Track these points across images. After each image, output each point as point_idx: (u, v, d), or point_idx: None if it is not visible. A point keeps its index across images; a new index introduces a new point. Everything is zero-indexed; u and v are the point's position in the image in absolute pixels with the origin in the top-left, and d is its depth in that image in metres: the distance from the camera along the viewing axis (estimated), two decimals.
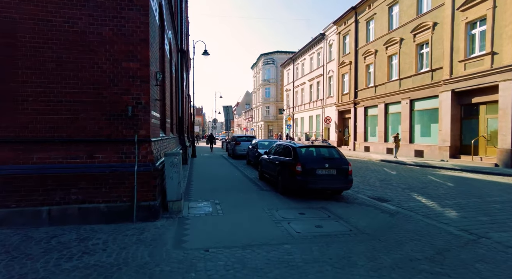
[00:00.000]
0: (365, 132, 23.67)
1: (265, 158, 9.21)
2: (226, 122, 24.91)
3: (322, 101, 30.84)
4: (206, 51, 18.14)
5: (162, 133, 7.50)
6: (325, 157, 6.98)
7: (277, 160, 7.82)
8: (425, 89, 16.95)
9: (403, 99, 18.79)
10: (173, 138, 10.49)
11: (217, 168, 13.10)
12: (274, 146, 9.08)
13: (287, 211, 5.84)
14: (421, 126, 17.72)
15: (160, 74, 6.08)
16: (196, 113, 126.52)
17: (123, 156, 5.02)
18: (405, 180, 10.01)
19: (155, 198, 5.07)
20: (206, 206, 6.15)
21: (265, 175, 9.24)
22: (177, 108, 13.81)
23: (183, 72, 14.54)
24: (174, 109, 11.82)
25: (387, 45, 20.29)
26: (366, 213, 5.82)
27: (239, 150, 17.39)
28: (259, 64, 58.25)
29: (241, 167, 13.50)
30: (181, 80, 14.40)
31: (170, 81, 10.60)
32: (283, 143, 8.22)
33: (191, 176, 10.50)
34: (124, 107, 5.02)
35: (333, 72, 28.56)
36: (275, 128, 54.65)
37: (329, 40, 29.52)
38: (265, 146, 13.65)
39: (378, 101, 21.53)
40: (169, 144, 8.70)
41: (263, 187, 8.37)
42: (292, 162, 6.81)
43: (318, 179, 6.57)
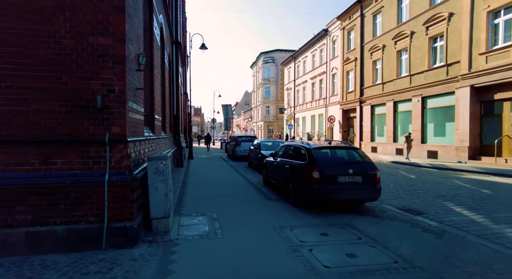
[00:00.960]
0: (372, 132, 22.47)
1: (271, 161, 7.98)
2: (225, 121, 23.67)
3: (325, 100, 29.64)
4: (204, 45, 16.91)
5: (148, 131, 6.25)
6: (348, 161, 5.74)
7: (286, 164, 6.58)
8: (439, 85, 15.76)
9: (414, 96, 17.60)
10: (165, 138, 9.25)
11: (216, 171, 11.85)
12: (281, 147, 7.85)
13: (304, 230, 4.60)
14: (435, 125, 16.53)
15: (143, 57, 4.83)
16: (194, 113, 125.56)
17: (90, 162, 3.78)
18: (429, 185, 8.80)
19: (132, 217, 3.82)
20: (202, 223, 4.91)
21: (270, 180, 8.01)
22: (172, 105, 12.57)
23: (178, 66, 13.31)
24: (168, 106, 10.57)
25: (396, 40, 19.10)
26: (404, 232, 4.60)
27: (239, 151, 16.15)
28: (258, 63, 57.04)
29: (242, 170, 12.26)
30: (176, 74, 13.16)
31: (161, 73, 9.37)
32: (294, 143, 6.98)
33: (186, 180, 9.25)
34: (91, 96, 3.78)
35: (337, 69, 27.36)
36: (275, 128, 53.43)
37: (333, 36, 28.33)
38: (268, 147, 12.42)
39: (386, 99, 20.34)
40: (160, 145, 7.45)
41: (269, 195, 7.12)
42: (307, 167, 5.57)
43: (340, 188, 5.34)
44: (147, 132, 5.97)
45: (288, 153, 6.98)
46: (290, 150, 6.95)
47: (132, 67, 4.32)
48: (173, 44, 13.00)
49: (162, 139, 8.18)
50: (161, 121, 8.42)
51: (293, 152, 6.64)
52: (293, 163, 6.25)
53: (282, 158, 7.12)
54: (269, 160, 8.21)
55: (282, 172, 6.81)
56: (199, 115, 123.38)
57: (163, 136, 8.75)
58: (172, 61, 12.82)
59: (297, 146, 6.48)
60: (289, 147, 7.10)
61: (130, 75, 4.18)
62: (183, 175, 10.38)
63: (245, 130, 70.05)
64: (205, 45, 16.87)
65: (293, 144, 6.87)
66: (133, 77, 4.36)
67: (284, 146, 7.54)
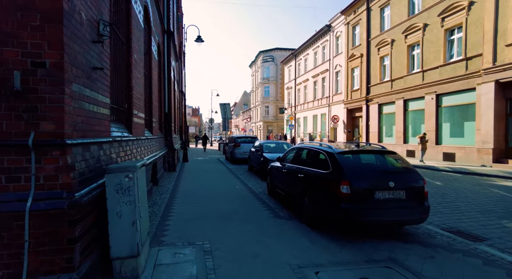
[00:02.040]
0: (380, 132, 21.12)
1: (278, 167, 6.57)
2: (223, 121, 22.25)
3: (328, 99, 28.29)
4: (200, 38, 15.49)
5: (123, 130, 4.82)
6: (385, 170, 4.32)
7: (300, 173, 5.17)
8: (456, 81, 14.42)
9: (428, 94, 16.26)
10: (152, 139, 7.82)
11: (212, 176, 10.41)
12: (291, 150, 6.44)
13: (336, 274, 3.19)
14: (451, 125, 15.19)
15: (106, 26, 3.41)
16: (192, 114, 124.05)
17: (2, 179, 2.35)
18: (464, 195, 7.42)
19: (71, 265, 2.39)
20: (188, 260, 3.47)
21: (277, 190, 6.60)
22: (162, 102, 11.13)
23: (170, 58, 11.88)
24: (156, 102, 9.14)
25: (407, 33, 17.77)
26: (476, 275, 3.20)
27: (238, 153, 14.72)
28: (257, 62, 55.70)
29: (242, 174, 10.84)
30: (168, 67, 11.73)
31: (147, 62, 7.94)
32: (309, 146, 5.54)
33: (176, 190, 7.81)
34: (3, 72, 2.35)
35: (341, 67, 26.02)
36: (274, 129, 52.06)
37: (336, 31, 27.00)
38: (271, 149, 11.01)
39: (396, 97, 19.00)
40: (141, 148, 6.02)
41: (277, 211, 5.70)
42: (332, 179, 4.17)
43: (378, 207, 3.94)
44: (120, 132, 4.53)
45: (301, 158, 5.57)
46: (304, 154, 5.54)
47: (82, 33, 2.89)
48: (164, 33, 11.57)
49: (146, 140, 6.75)
50: (144, 119, 6.99)
51: (309, 157, 5.22)
52: (311, 171, 4.83)
53: (293, 164, 5.71)
54: (275, 165, 6.80)
55: (294, 182, 5.40)
56: (197, 116, 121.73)
57: (149, 136, 7.32)
58: (163, 52, 11.39)
59: (315, 149, 5.06)
60: (303, 150, 5.68)
61: (77, 45, 2.76)
62: (173, 182, 8.94)
63: (243, 130, 68.62)
64: (201, 37, 15.46)
65: (308, 147, 5.44)
66: (83, 48, 2.94)
67: (295, 149, 6.12)
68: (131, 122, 5.29)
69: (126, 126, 5.21)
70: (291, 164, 5.80)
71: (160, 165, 8.92)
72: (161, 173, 9.32)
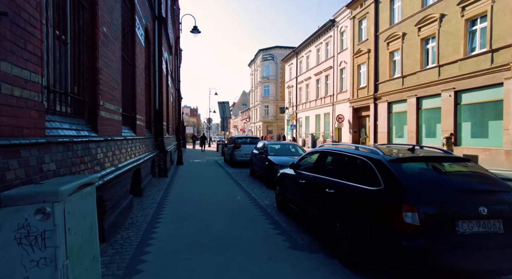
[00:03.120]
0: (389, 132, 19.76)
1: (291, 176, 5.17)
2: (222, 121, 20.85)
3: (332, 97, 26.93)
4: (196, 28, 14.08)
5: (79, 127, 3.39)
6: (469, 188, 2.88)
7: (328, 186, 3.75)
8: (479, 76, 13.08)
9: (445, 90, 14.92)
10: (134, 140, 6.39)
11: (209, 183, 8.99)
12: (309, 154, 5.03)
13: None
14: (472, 125, 13.84)
15: None
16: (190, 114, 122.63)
17: None
18: None
19: None
20: None
21: (290, 204, 5.19)
22: (152, 97, 9.71)
23: (162, 48, 10.46)
24: (141, 95, 7.72)
25: (421, 25, 16.43)
26: None
27: (239, 155, 13.30)
28: (257, 60, 54.35)
29: (243, 181, 9.42)
30: (159, 58, 10.30)
31: (130, 47, 6.53)
32: (338, 148, 4.12)
33: (163, 203, 6.39)
34: None
35: (346, 63, 24.68)
36: (274, 129, 50.70)
37: (341, 27, 25.65)
38: (277, 151, 9.60)
39: (408, 95, 17.65)
40: (113, 152, 4.60)
41: (294, 236, 4.29)
42: (386, 200, 2.77)
43: (462, 245, 2.53)
44: (70, 129, 3.10)
45: (327, 166, 4.16)
46: (332, 160, 4.13)
47: None
48: (155, 19, 10.15)
49: (124, 141, 5.32)
50: (123, 115, 5.56)
51: (341, 165, 3.81)
52: (346, 186, 3.41)
53: (315, 173, 4.30)
54: (288, 174, 5.40)
55: (318, 198, 3.99)
56: (195, 116, 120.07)
57: (129, 136, 5.90)
58: (153, 41, 9.97)
59: (351, 154, 3.62)
60: (329, 155, 4.26)
61: None
62: (162, 191, 7.51)
63: (242, 131, 67.24)
64: (197, 28, 14.05)
65: (339, 151, 4.01)
66: None
67: (316, 154, 4.69)
68: (96, 116, 3.86)
69: (88, 122, 3.78)
70: (312, 174, 4.39)
71: (146, 171, 7.49)
72: (148, 179, 7.89)
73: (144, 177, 7.16)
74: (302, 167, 4.99)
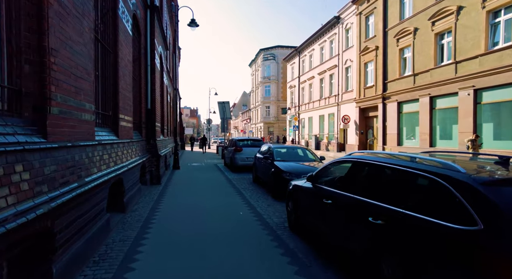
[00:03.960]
0: (399, 134, 18.65)
1: (310, 191, 4.07)
2: (222, 121, 19.73)
3: (337, 97, 25.83)
4: (194, 21, 13.00)
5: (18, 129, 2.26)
6: None
7: (374, 215, 2.60)
8: (503, 72, 11.96)
9: (463, 89, 13.81)
10: (116, 144, 5.29)
11: (207, 193, 7.88)
12: (334, 164, 3.90)
13: None
14: (495, 125, 12.73)
15: None
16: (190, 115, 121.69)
17: None
18: None
19: None
20: None
21: (308, 226, 4.07)
22: (143, 94, 8.61)
23: (154, 40, 9.36)
24: (127, 91, 6.62)
25: (435, 19, 15.33)
26: None
27: (240, 159, 12.19)
28: (258, 60, 53.32)
29: (246, 189, 8.31)
30: (152, 51, 9.21)
31: (109, 32, 5.43)
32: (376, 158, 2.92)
33: (150, 220, 5.27)
34: None
35: (352, 62, 23.59)
36: (276, 130, 49.63)
37: (346, 23, 24.57)
38: (285, 155, 8.48)
39: (420, 94, 16.54)
40: (82, 161, 3.49)
41: (319, 275, 3.17)
42: (489, 252, 1.66)
43: None
44: None
45: (366, 184, 3.03)
46: (374, 175, 2.99)
47: None
48: (146, 8, 9.05)
49: (98, 147, 4.21)
50: (96, 113, 4.47)
51: (394, 183, 2.66)
52: (407, 218, 2.28)
53: (349, 192, 3.15)
54: (303, 187, 4.29)
55: (355, 229, 2.88)
56: (195, 117, 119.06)
57: (108, 140, 4.79)
58: (144, 31, 8.87)
59: (410, 169, 2.44)
60: (368, 166, 3.11)
61: None
62: (151, 205, 6.39)
63: (243, 132, 66.16)
64: (195, 21, 12.97)
65: (384, 162, 2.84)
66: None
67: (347, 164, 3.54)
68: (44, 115, 2.75)
69: (33, 123, 2.67)
70: (342, 192, 3.26)
71: (133, 180, 6.38)
72: (136, 189, 6.78)
73: (129, 188, 6.05)
74: (324, 181, 3.88)
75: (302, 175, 6.79)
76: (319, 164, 7.83)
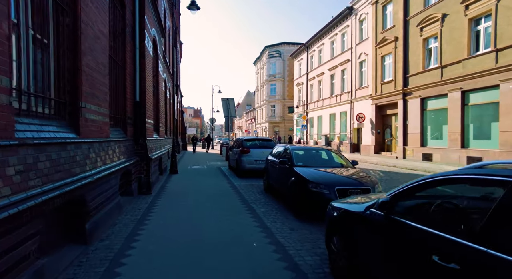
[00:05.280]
0: (423, 133, 16.77)
1: (383, 228, 2.31)
2: (226, 120, 17.99)
3: (350, 94, 23.97)
4: (195, 3, 11.29)
5: None
6: None
7: None
8: None
9: (505, 81, 11.93)
10: (82, 144, 3.58)
11: (207, 209, 6.14)
12: (436, 182, 2.13)
13: None
14: None
15: None
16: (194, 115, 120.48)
17: None
18: None
19: None
20: None
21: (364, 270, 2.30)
22: (128, 83, 6.90)
23: (145, 18, 7.65)
24: (101, 75, 4.92)
25: (469, 2, 13.45)
26: None
27: (247, 162, 10.44)
28: (263, 58, 51.56)
29: (257, 202, 6.56)
30: (141, 31, 7.52)
31: None
32: None
33: (118, 262, 3.54)
34: None
35: (367, 55, 21.73)
36: (281, 130, 47.83)
37: (360, 14, 22.72)
38: (306, 159, 6.69)
39: (449, 88, 14.66)
40: None
41: None
42: None
43: None
44: None
45: None
46: None
47: None
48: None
49: (10, 148, 2.48)
50: (9, 91, 2.74)
51: None
52: None
53: None
54: (371, 219, 2.53)
55: None
56: (198, 117, 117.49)
57: (52, 140, 3.07)
58: (132, 6, 7.18)
59: None
60: None
61: None
62: (130, 230, 4.65)
63: (247, 132, 64.46)
64: (195, 3, 11.27)
65: None
66: None
67: (494, 183, 1.77)
68: None
69: None
70: (498, 254, 1.47)
71: (105, 195, 4.66)
72: (113, 206, 5.07)
73: (100, 205, 4.33)
74: (416, 213, 2.12)
75: (336, 187, 5.06)
76: (355, 170, 6.05)
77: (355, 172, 5.83)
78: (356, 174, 5.67)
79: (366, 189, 5.10)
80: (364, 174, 5.71)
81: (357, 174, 5.67)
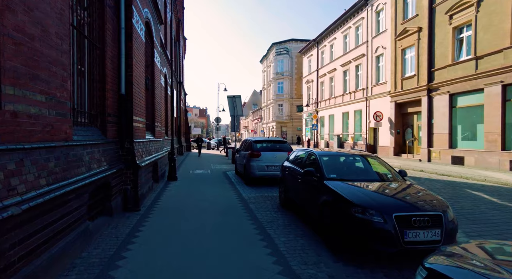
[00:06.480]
0: (451, 133, 14.99)
1: None
2: (232, 119, 16.46)
3: (365, 91, 22.23)
4: None
5: None
6: None
7: None
8: None
9: None
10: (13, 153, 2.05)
11: (209, 234, 4.60)
12: None
13: None
14: None
15: None
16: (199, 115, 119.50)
17: None
18: None
19: None
20: None
21: None
22: (106, 68, 5.39)
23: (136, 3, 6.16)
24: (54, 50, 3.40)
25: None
26: None
27: (258, 168, 8.88)
28: (270, 56, 49.96)
29: (273, 224, 5.00)
30: (127, 6, 6.02)
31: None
32: None
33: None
34: None
35: (385, 49, 19.98)
36: (289, 130, 46.18)
37: (377, 4, 20.96)
38: (340, 169, 5.06)
39: (486, 82, 12.89)
40: None
41: None
42: None
43: None
44: None
45: None
46: None
47: None
48: None
49: None
50: None
51: None
52: None
53: None
54: None
55: None
56: (204, 117, 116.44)
57: None
58: None
59: None
60: None
61: None
62: (99, 269, 3.13)
63: (253, 132, 62.89)
64: None
65: None
66: None
67: None
68: None
69: None
70: None
71: (63, 223, 3.14)
72: (78, 234, 3.56)
73: (30, 252, 2.82)
74: None
75: (394, 213, 3.47)
76: (410, 186, 4.41)
77: (413, 189, 4.21)
78: (416, 192, 4.05)
79: (436, 216, 3.50)
80: (427, 192, 4.10)
81: (416, 192, 4.05)
